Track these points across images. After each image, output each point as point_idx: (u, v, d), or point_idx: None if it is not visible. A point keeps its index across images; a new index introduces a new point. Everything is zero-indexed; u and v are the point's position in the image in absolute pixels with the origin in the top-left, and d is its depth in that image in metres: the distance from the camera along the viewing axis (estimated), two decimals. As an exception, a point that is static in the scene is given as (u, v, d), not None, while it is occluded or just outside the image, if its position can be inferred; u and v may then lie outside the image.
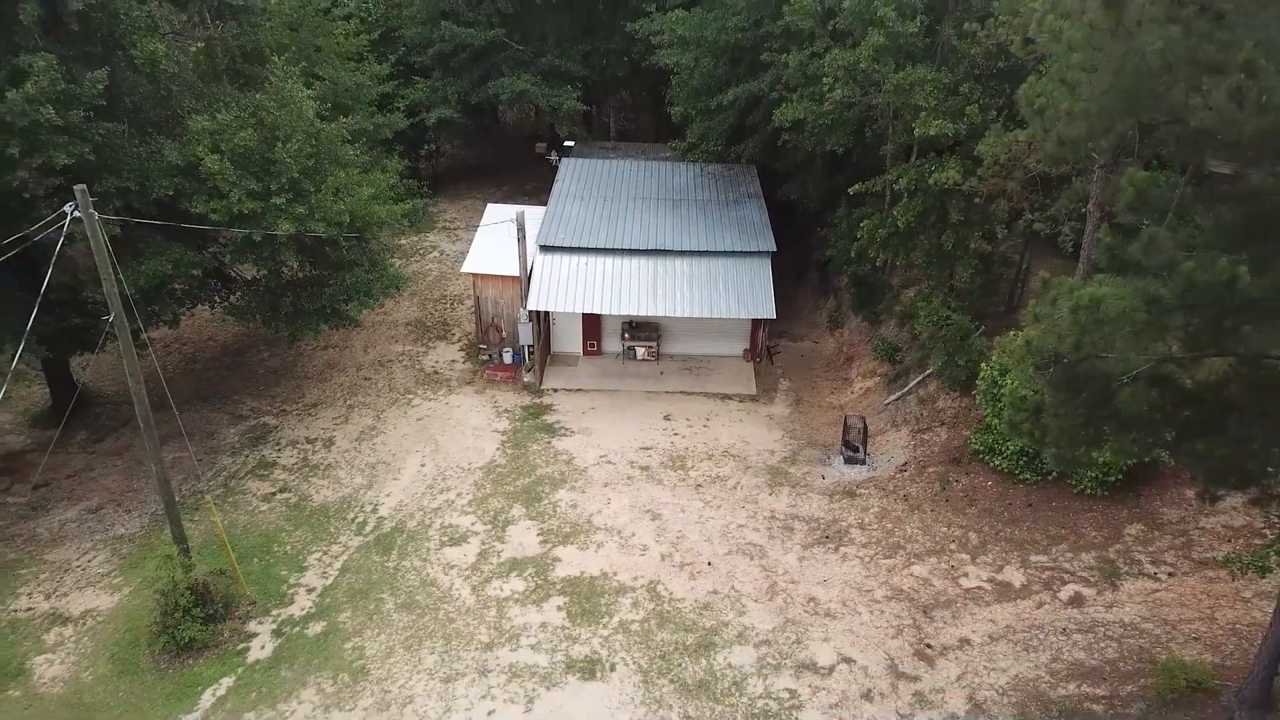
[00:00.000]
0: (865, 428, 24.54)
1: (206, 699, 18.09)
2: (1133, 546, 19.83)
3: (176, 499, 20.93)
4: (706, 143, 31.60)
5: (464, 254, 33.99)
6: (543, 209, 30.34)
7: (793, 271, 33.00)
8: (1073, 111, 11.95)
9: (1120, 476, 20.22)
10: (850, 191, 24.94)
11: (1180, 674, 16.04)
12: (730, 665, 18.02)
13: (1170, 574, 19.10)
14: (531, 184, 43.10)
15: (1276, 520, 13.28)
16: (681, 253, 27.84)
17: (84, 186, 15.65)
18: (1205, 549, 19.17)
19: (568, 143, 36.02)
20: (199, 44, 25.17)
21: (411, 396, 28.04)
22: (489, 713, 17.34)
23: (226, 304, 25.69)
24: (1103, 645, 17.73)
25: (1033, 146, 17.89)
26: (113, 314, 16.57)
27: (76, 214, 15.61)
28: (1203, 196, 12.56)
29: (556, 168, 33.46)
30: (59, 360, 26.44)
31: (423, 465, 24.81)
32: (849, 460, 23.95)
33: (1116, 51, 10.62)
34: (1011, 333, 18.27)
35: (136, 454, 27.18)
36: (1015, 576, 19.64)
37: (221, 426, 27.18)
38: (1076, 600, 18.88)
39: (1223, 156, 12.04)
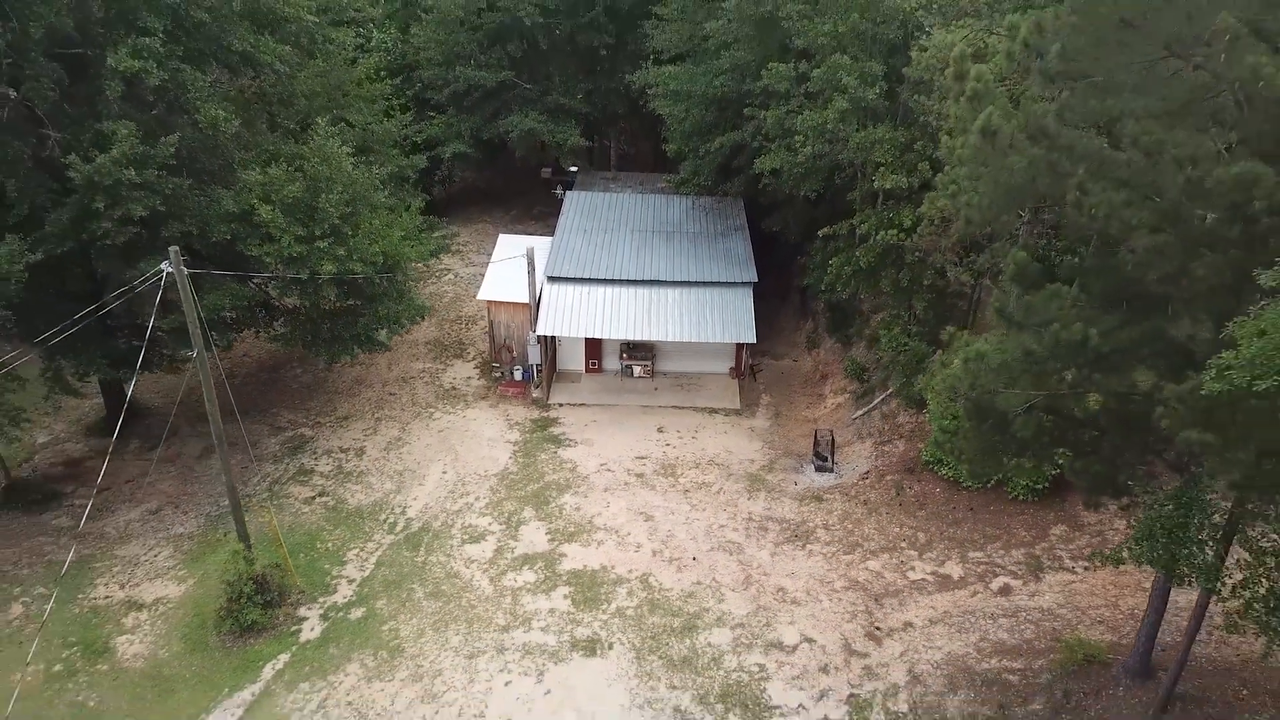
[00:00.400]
0: (833, 440, 27.88)
1: (267, 672, 21.42)
2: (1056, 545, 23.16)
3: (239, 498, 24.33)
4: (698, 178, 34.97)
5: (476, 276, 37.36)
6: (548, 240, 33.70)
7: (776, 295, 36.32)
8: (972, 202, 15.30)
9: (1047, 485, 23.56)
10: (819, 234, 28.26)
11: (1080, 650, 19.38)
12: (710, 644, 21.37)
13: (1086, 568, 22.43)
14: (538, 208, 46.53)
15: (1132, 524, 16.51)
16: (673, 283, 31.22)
17: (177, 249, 18.99)
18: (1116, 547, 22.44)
19: (573, 167, 39.33)
20: (240, 93, 28.44)
21: (433, 410, 31.41)
22: (506, 683, 20.67)
23: (272, 330, 29.03)
24: (1022, 627, 21.07)
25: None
26: (195, 350, 19.92)
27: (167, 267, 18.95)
28: (1078, 268, 15.86)
29: (562, 199, 36.81)
30: (114, 377, 29.80)
31: (444, 472, 28.17)
32: (819, 469, 27.29)
33: (994, 165, 13.94)
34: (936, 368, 21.60)
35: (186, 461, 30.61)
36: (955, 570, 22.99)
37: (263, 437, 30.51)
38: (1005, 590, 22.23)
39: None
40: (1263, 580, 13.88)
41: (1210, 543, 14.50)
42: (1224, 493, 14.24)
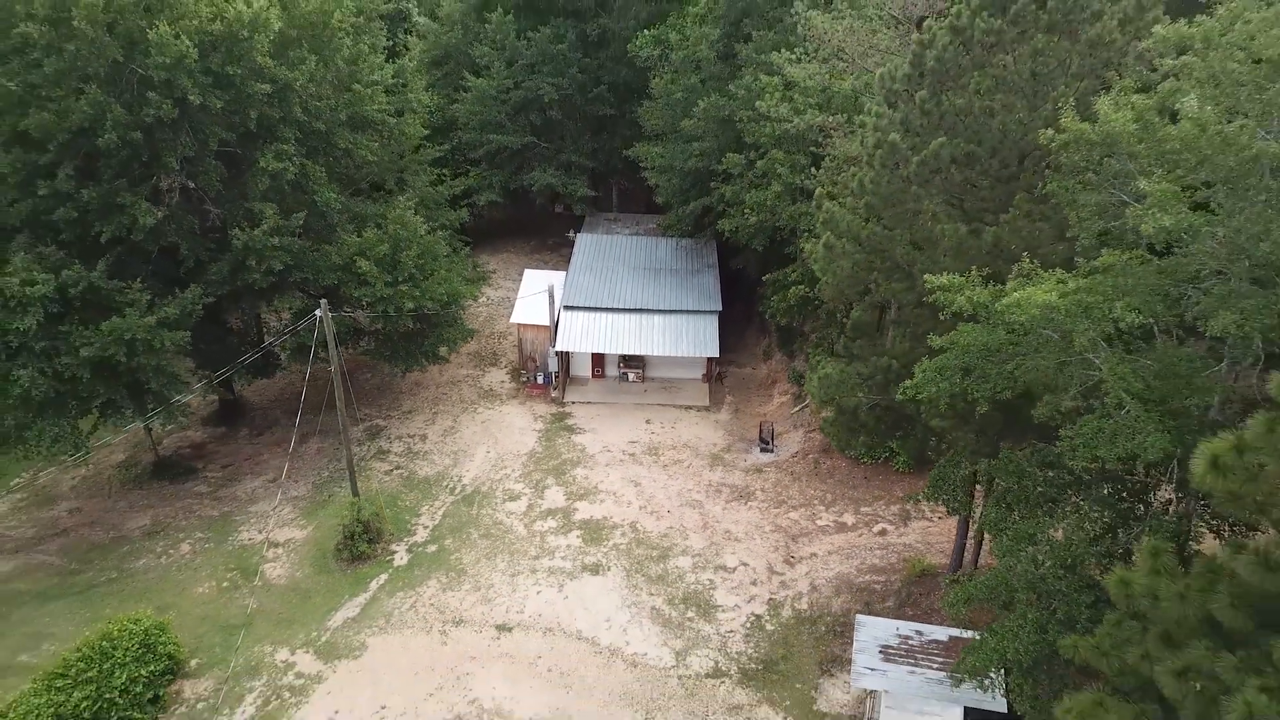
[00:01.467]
0: (774, 430, 37.74)
1: (373, 585, 31.32)
2: (922, 503, 32.94)
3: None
4: (680, 224, 44.79)
5: (504, 299, 47.28)
6: (562, 273, 43.57)
7: (742, 317, 46.15)
8: (827, 283, 25.17)
9: (911, 464, 33.35)
10: (764, 277, 38.07)
11: (920, 566, 29.25)
12: (676, 567, 31.23)
13: (940, 517, 32.28)
14: (552, 239, 56.47)
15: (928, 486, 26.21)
16: (658, 310, 41.11)
17: (326, 301, 28.91)
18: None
19: (580, 215, 49.18)
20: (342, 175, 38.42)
21: (476, 406, 41.35)
22: (538, 592, 30.51)
23: (359, 347, 38.97)
24: (890, 555, 30.90)
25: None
26: (335, 374, 29.82)
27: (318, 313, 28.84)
28: (890, 323, 25.68)
29: (573, 241, 46.73)
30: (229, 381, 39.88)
31: (488, 452, 38.11)
32: (762, 450, 37.14)
33: (834, 266, 23.75)
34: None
35: (288, 445, 40.46)
36: (849, 519, 32.85)
37: (348, 426, 40.40)
38: (882, 532, 32.05)
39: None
40: (991, 508, 23.66)
41: (962, 489, 24.34)
42: (969, 457, 23.99)
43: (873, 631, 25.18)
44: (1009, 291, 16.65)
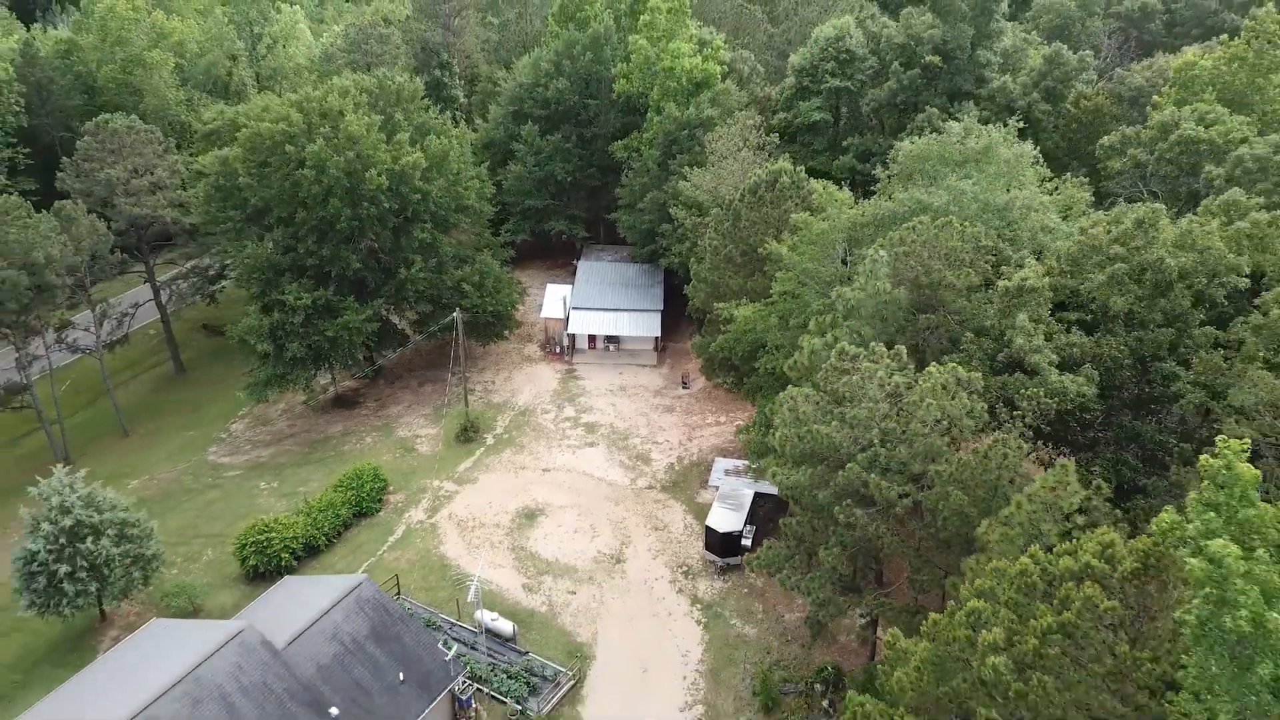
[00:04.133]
0: (688, 376, 67.44)
1: (478, 453, 61.10)
2: (750, 411, 62.70)
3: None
4: (641, 257, 74.31)
5: (535, 303, 77.13)
6: (569, 285, 73.21)
7: (678, 312, 75.69)
8: (694, 303, 54.79)
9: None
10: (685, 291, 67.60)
11: (742, 435, 59.06)
12: (633, 443, 60.96)
13: (770, 418, 62.13)
14: (562, 259, 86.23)
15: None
16: (627, 309, 70.70)
17: (459, 310, 58.50)
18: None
19: (585, 235, 79.04)
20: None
21: (521, 365, 71.15)
22: (561, 454, 60.20)
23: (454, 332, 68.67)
24: (732, 434, 60.68)
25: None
26: (460, 347, 59.43)
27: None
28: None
29: (576, 266, 76.51)
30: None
31: (530, 390, 67.91)
32: (683, 387, 66.85)
33: (698, 292, 53.22)
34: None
35: (414, 389, 70.27)
36: (721, 419, 62.65)
37: (447, 377, 70.11)
38: (735, 424, 61.77)
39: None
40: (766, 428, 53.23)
41: (767, 423, 54.01)
42: (748, 380, 53.40)
43: (721, 464, 55.10)
44: (739, 311, 46.18)
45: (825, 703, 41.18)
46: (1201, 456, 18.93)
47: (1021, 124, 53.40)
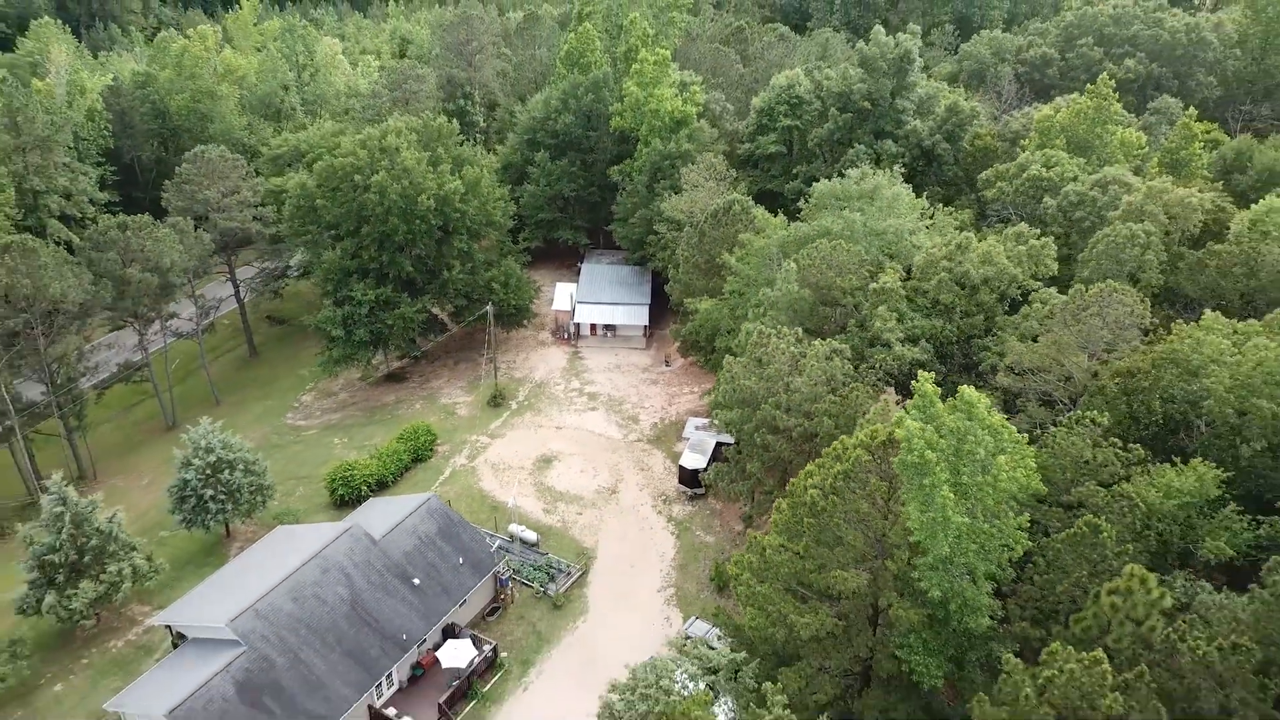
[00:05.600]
0: (670, 356, 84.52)
1: (505, 415, 78.34)
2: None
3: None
4: (633, 260, 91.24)
5: (547, 298, 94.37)
6: (574, 284, 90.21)
7: (665, 305, 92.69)
8: (674, 298, 71.85)
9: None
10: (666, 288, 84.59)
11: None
12: (626, 410, 78.21)
13: (733, 389, 79.34)
14: (569, 262, 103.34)
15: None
16: (621, 303, 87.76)
17: (490, 305, 75.62)
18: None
19: (587, 242, 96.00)
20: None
21: (536, 349, 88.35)
22: (570, 416, 77.36)
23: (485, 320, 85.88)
24: (701, 400, 77.84)
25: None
26: (490, 334, 76.46)
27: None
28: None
29: (580, 267, 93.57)
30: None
31: (544, 368, 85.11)
32: (666, 366, 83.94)
33: (675, 289, 70.21)
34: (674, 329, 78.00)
35: (451, 367, 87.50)
36: (696, 390, 79.82)
37: (479, 358, 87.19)
38: (707, 393, 78.90)
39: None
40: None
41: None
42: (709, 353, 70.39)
43: (693, 422, 72.40)
44: (702, 305, 63.14)
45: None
46: (913, 383, 36.07)
47: (924, 161, 70.19)
